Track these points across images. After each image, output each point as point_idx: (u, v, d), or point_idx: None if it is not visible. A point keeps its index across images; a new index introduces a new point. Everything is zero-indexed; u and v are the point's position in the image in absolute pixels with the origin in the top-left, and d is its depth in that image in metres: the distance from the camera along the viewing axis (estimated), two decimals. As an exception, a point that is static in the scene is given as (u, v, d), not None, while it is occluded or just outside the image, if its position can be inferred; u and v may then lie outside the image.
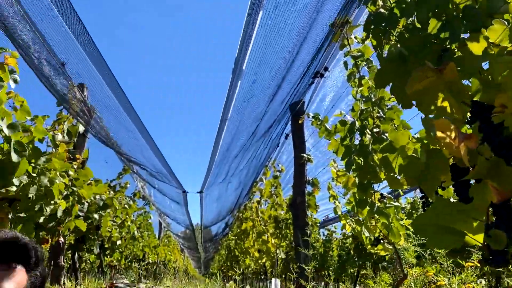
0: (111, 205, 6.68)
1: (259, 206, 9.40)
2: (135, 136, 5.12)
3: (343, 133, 3.79)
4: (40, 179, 4.22)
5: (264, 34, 2.81)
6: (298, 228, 5.93)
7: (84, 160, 5.67)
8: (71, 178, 5.06)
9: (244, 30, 2.72)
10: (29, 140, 4.00)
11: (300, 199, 6.11)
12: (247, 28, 2.71)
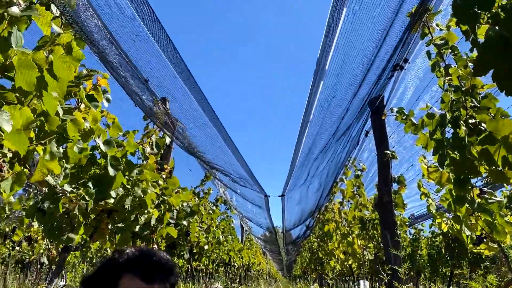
0: (197, 212, 6.92)
1: (341, 207, 9.21)
2: (219, 144, 5.26)
3: (432, 127, 3.59)
4: (134, 190, 4.46)
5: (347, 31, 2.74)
6: (386, 228, 5.72)
7: (171, 169, 5.94)
8: (161, 188, 5.31)
9: (327, 29, 2.68)
10: (122, 154, 4.25)
11: (386, 198, 5.89)
12: (329, 27, 2.66)
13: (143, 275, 0.98)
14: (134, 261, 1.00)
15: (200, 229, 8.31)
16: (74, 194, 3.67)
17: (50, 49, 2.29)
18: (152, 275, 0.99)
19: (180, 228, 6.73)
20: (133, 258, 1.01)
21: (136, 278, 0.98)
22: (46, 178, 3.03)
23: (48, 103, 2.32)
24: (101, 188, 3.91)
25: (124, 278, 0.99)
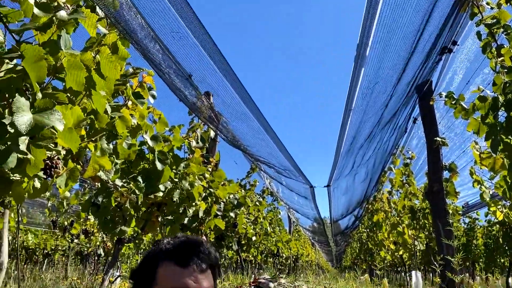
0: (244, 203, 7.00)
1: (390, 197, 9.01)
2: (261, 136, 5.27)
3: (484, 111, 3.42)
4: (181, 184, 4.57)
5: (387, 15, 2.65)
6: (437, 217, 5.53)
7: (216, 162, 6.03)
8: (207, 181, 5.42)
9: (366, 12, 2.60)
10: (169, 148, 4.36)
11: (437, 187, 5.69)
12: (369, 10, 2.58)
13: (178, 260, 1.02)
14: (168, 249, 1.05)
15: (247, 220, 8.40)
16: (125, 188, 3.82)
17: (97, 50, 2.39)
18: (187, 259, 1.02)
19: (228, 219, 6.84)
20: (167, 246, 1.06)
21: (172, 264, 1.02)
22: (98, 174, 3.18)
23: (97, 101, 2.41)
24: (150, 182, 4.04)
25: (160, 266, 1.04)
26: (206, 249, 1.09)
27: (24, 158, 2.01)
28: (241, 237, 8.29)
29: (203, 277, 1.04)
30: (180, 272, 1.02)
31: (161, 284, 1.01)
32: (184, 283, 1.00)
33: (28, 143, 1.98)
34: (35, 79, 1.74)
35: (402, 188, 8.02)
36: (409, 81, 4.54)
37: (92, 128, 2.88)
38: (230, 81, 4.07)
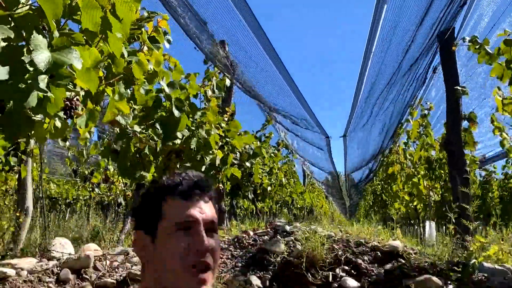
0: (260, 154, 7.04)
1: (406, 148, 8.96)
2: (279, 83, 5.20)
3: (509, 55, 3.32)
4: (198, 132, 4.60)
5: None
6: (454, 168, 5.50)
7: (232, 112, 6.03)
8: (223, 130, 5.44)
9: None
10: (185, 96, 4.36)
11: (455, 137, 5.61)
12: None
13: (182, 194, 1.06)
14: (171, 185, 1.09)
15: (262, 171, 8.49)
16: (143, 134, 3.87)
17: (111, -11, 2.34)
18: (190, 193, 1.07)
19: (244, 169, 6.92)
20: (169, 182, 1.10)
21: (176, 198, 1.06)
22: (116, 118, 3.21)
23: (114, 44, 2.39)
24: (168, 129, 4.07)
25: (165, 202, 1.07)
26: (206, 182, 1.12)
27: (45, 97, 2.03)
28: (256, 187, 8.43)
29: (207, 207, 1.08)
30: (185, 205, 1.05)
31: (168, 218, 1.04)
32: (190, 214, 1.03)
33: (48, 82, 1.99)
34: (51, 17, 1.73)
35: (419, 140, 7.94)
36: (431, 27, 4.38)
37: (109, 72, 2.89)
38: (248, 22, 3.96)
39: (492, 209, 11.14)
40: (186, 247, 0.99)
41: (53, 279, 2.77)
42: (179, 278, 0.99)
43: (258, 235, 3.78)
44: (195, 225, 1.03)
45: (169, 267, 1.00)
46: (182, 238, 1.01)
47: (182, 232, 1.01)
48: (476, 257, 3.29)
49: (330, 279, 3.04)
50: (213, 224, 1.08)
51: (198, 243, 1.00)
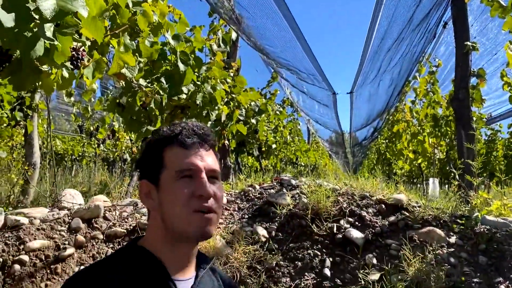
0: (265, 110, 7.03)
1: (413, 106, 8.90)
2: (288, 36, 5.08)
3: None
4: (204, 87, 4.57)
5: None
6: (460, 124, 5.47)
7: (238, 68, 5.97)
8: (229, 85, 5.40)
9: None
10: (190, 50, 4.30)
11: (463, 93, 5.56)
12: None
13: (182, 143, 1.08)
14: (171, 134, 1.10)
15: (267, 128, 8.51)
16: (149, 88, 3.85)
17: None
18: (190, 142, 1.08)
19: (249, 126, 6.93)
20: (169, 132, 1.11)
21: (176, 147, 1.08)
22: (122, 71, 3.18)
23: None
24: (173, 84, 4.04)
25: (166, 151, 1.09)
26: (206, 131, 1.14)
27: (51, 46, 2.01)
28: (261, 144, 8.46)
29: (208, 155, 1.10)
30: (186, 154, 1.07)
31: (170, 167, 1.06)
32: (190, 162, 1.05)
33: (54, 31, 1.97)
34: (54, -40, 1.68)
35: (426, 97, 7.88)
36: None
37: (114, 23, 2.84)
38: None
39: (497, 167, 11.19)
40: (189, 193, 1.02)
41: (65, 227, 2.85)
42: (185, 221, 1.01)
43: (264, 188, 3.83)
44: (196, 172, 1.04)
45: (173, 213, 1.02)
46: (185, 185, 1.03)
47: (184, 180, 1.03)
48: (478, 211, 3.34)
49: (335, 230, 3.11)
50: (215, 172, 1.09)
51: (201, 189, 1.02)
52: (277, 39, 5.32)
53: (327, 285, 2.76)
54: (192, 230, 1.01)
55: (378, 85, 7.98)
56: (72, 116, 8.29)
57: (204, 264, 1.16)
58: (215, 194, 1.05)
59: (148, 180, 1.09)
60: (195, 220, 1.01)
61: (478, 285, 2.62)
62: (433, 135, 7.61)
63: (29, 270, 2.54)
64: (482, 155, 11.02)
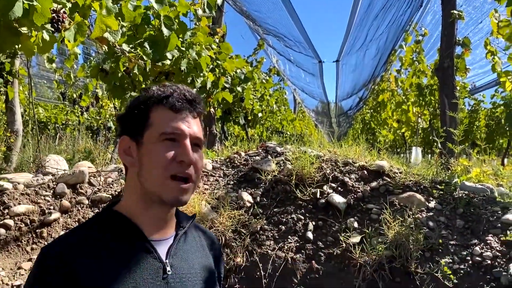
0: (251, 78, 6.98)
1: (398, 75, 8.94)
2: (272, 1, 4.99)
3: (510, -26, 3.20)
4: (188, 53, 4.50)
5: None
6: (444, 93, 5.54)
7: (223, 34, 5.88)
8: (214, 52, 5.33)
9: None
10: (175, 15, 4.20)
11: (447, 62, 5.59)
12: None
13: (172, 105, 1.06)
14: (161, 95, 1.08)
15: (254, 96, 8.47)
16: (132, 53, 3.78)
17: None
18: (180, 105, 1.07)
19: (235, 94, 6.88)
20: (159, 92, 1.09)
21: (165, 109, 1.06)
22: (105, 35, 3.12)
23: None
24: (157, 49, 3.97)
25: (153, 110, 1.07)
26: (197, 98, 1.12)
27: (30, 7, 1.95)
28: (247, 113, 8.45)
29: (194, 123, 1.09)
30: (174, 117, 1.06)
31: (155, 127, 1.05)
32: (177, 126, 1.04)
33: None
34: None
35: (411, 66, 7.91)
36: None
37: (95, -15, 2.76)
38: None
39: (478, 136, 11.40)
40: (170, 157, 1.01)
41: (49, 192, 2.85)
42: (160, 185, 1.01)
43: (249, 155, 3.85)
44: (181, 137, 1.04)
45: (151, 174, 1.02)
46: (168, 148, 1.02)
47: (168, 143, 1.03)
48: (458, 177, 3.43)
49: (318, 195, 3.17)
50: (199, 140, 1.09)
51: (183, 155, 1.02)
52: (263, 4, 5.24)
53: (309, 248, 2.84)
54: (166, 196, 1.02)
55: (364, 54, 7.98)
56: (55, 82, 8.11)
57: (184, 223, 1.17)
58: (196, 162, 1.05)
59: (129, 137, 1.08)
60: (171, 187, 1.01)
61: (455, 247, 2.72)
62: (417, 104, 7.69)
63: (14, 234, 2.55)
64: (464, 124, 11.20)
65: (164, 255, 1.07)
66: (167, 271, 1.05)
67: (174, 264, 1.08)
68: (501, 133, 11.29)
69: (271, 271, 2.74)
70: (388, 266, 2.62)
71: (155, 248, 1.05)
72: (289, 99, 17.56)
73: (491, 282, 2.45)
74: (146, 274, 1.01)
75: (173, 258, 1.09)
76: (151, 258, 1.04)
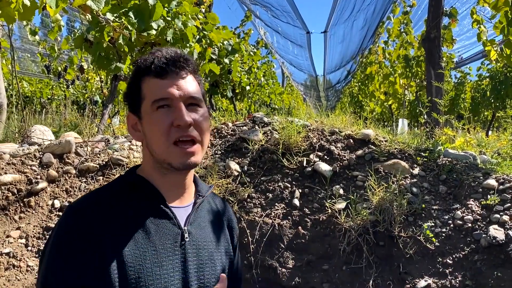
0: (238, 50, 6.92)
1: (385, 47, 8.93)
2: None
3: None
4: (174, 23, 4.44)
5: None
6: (431, 64, 5.57)
7: (210, 4, 5.79)
8: (201, 22, 5.26)
9: None
10: (160, -17, 4.11)
11: (434, 34, 5.61)
12: None
13: (156, 72, 1.06)
14: (146, 64, 1.08)
15: (241, 69, 8.41)
16: (117, 23, 3.72)
17: None
18: (165, 70, 1.06)
19: (222, 66, 6.83)
20: (145, 63, 1.09)
21: (152, 77, 1.06)
22: (87, 3, 3.06)
23: None
24: (142, 18, 3.91)
25: (143, 82, 1.08)
26: (182, 57, 1.10)
27: (9, -31, 1.91)
28: (235, 86, 8.41)
29: (185, 82, 1.08)
30: (161, 83, 1.05)
31: (147, 98, 1.06)
32: (167, 92, 1.04)
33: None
34: None
35: (399, 38, 7.90)
36: None
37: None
38: None
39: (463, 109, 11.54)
40: (168, 124, 1.02)
41: (36, 162, 2.84)
42: (166, 152, 1.03)
43: (237, 126, 3.86)
44: (173, 102, 1.04)
45: (156, 144, 1.04)
46: (163, 115, 1.02)
47: (162, 110, 1.03)
48: (442, 145, 3.49)
49: (305, 164, 3.21)
50: (194, 99, 1.08)
51: (178, 118, 1.02)
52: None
53: (296, 214, 2.89)
54: (174, 162, 1.03)
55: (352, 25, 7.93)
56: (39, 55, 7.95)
57: (202, 191, 1.20)
58: (196, 121, 1.05)
59: (132, 113, 1.10)
60: (176, 153, 1.03)
61: (437, 211, 2.79)
62: (404, 76, 7.72)
63: (1, 203, 2.55)
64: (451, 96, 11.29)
65: (182, 222, 1.10)
66: (185, 238, 1.07)
67: (192, 231, 1.11)
68: (486, 105, 11.44)
69: (259, 236, 2.80)
70: (372, 231, 2.69)
71: (175, 214, 1.08)
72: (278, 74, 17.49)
73: (471, 244, 2.54)
74: (165, 239, 1.04)
75: (191, 225, 1.12)
76: (170, 224, 1.06)
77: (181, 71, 1.08)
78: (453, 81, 12.72)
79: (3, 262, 2.27)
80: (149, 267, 0.98)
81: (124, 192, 1.05)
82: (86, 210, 0.97)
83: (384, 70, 8.97)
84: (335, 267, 2.67)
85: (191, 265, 1.07)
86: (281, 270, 2.68)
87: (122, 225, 0.98)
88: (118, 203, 1.01)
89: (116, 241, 0.95)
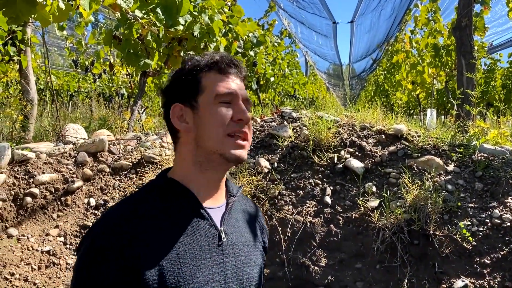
0: (263, 42, 6.87)
1: (413, 36, 8.71)
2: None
3: None
4: (201, 17, 4.43)
5: None
6: (461, 53, 5.40)
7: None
8: (226, 16, 5.23)
9: None
10: (186, -21, 4.10)
11: (465, 22, 5.43)
12: None
13: (220, 69, 1.11)
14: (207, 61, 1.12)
15: (266, 61, 8.36)
16: (145, 19, 3.74)
17: None
18: (227, 68, 1.12)
19: (248, 59, 6.81)
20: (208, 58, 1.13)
21: (214, 73, 1.11)
22: (117, 2, 3.08)
23: None
24: (169, 14, 3.91)
25: (204, 76, 1.11)
26: (241, 64, 1.16)
27: (45, -26, 1.93)
28: (260, 77, 8.37)
29: (242, 86, 1.14)
30: (224, 79, 1.10)
31: (208, 92, 1.08)
32: (230, 87, 1.09)
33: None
34: None
35: (426, 26, 7.68)
36: None
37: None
38: None
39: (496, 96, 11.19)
40: (228, 117, 1.05)
41: (71, 161, 2.89)
42: (221, 143, 1.05)
43: (265, 121, 3.85)
44: (235, 98, 1.08)
45: (212, 134, 1.05)
46: (225, 108, 1.06)
47: (223, 104, 1.07)
48: (477, 139, 3.40)
49: (335, 160, 3.18)
50: (248, 102, 1.13)
51: (240, 113, 1.06)
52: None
53: (327, 212, 2.88)
54: (227, 151, 1.04)
55: (379, 14, 7.75)
56: (66, 50, 8.08)
57: (234, 192, 1.20)
58: (249, 121, 1.10)
59: (181, 104, 1.11)
60: (231, 144, 1.05)
61: (473, 209, 2.73)
62: (433, 65, 7.52)
63: (40, 202, 2.62)
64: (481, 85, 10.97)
65: (218, 223, 1.09)
66: (222, 238, 1.07)
67: (228, 231, 1.10)
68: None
69: (290, 234, 2.79)
70: (407, 229, 2.65)
71: (210, 215, 1.07)
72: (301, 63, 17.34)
73: (510, 244, 2.47)
74: (203, 241, 1.03)
75: (227, 225, 1.11)
76: (206, 224, 1.06)
77: (239, 74, 1.15)
78: (483, 68, 12.35)
79: (43, 260, 2.33)
80: (188, 271, 0.97)
81: (157, 196, 1.05)
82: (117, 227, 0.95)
83: (412, 59, 8.76)
84: (368, 265, 2.65)
85: (229, 266, 1.06)
86: (313, 268, 2.68)
87: (157, 232, 0.97)
88: (150, 210, 1.01)
89: (152, 250, 0.95)
